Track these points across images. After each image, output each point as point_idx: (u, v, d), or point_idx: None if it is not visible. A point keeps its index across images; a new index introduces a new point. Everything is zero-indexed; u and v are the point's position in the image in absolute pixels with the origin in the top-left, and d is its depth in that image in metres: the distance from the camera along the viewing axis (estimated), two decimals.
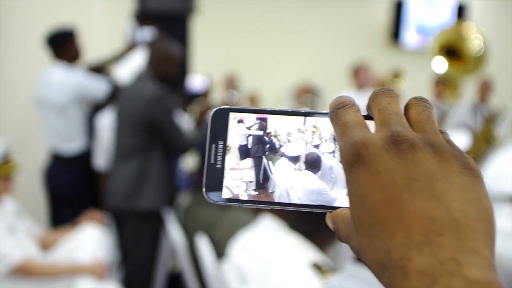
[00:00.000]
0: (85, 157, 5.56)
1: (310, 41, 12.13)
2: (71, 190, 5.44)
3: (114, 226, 4.88)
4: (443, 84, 8.96)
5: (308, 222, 2.84)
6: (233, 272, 3.33)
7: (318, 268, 2.66)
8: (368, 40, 12.38)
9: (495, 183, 4.29)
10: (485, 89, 8.50)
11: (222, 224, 4.13)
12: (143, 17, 6.47)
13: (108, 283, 4.24)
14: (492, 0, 12.93)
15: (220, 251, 3.94)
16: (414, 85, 9.94)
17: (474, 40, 9.08)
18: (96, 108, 5.78)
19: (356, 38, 12.31)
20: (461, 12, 12.36)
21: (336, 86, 9.72)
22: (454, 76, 9.01)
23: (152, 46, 4.89)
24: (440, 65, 9.03)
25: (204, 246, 3.96)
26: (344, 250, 3.41)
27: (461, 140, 5.18)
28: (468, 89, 9.24)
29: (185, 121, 5.50)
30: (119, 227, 4.83)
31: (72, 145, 5.46)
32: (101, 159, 5.43)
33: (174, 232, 4.49)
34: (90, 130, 5.63)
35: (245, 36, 11.88)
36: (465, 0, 12.48)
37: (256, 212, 3.56)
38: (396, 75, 6.71)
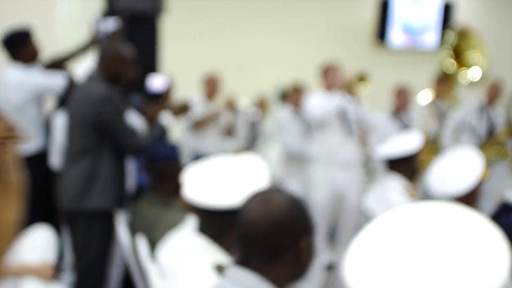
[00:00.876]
0: (42, 156, 5.57)
1: (293, 41, 12.13)
2: (28, 189, 5.43)
3: (67, 227, 4.90)
4: (446, 83, 8.93)
5: (215, 225, 2.86)
6: (158, 274, 3.35)
7: (221, 270, 2.68)
8: (354, 39, 12.37)
9: (439, 185, 4.32)
10: (494, 93, 8.45)
11: (163, 224, 4.14)
12: (111, 16, 6.47)
13: (55, 285, 4.24)
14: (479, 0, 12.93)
15: None
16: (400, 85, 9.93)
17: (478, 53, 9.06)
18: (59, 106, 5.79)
19: (341, 38, 12.30)
20: (447, 11, 12.34)
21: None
22: (455, 77, 9.00)
23: (103, 46, 4.89)
24: (447, 63, 9.01)
25: (142, 247, 3.98)
26: None
27: (411, 141, 5.18)
28: (478, 91, 9.22)
29: (140, 122, 5.50)
30: (70, 228, 4.84)
31: (31, 144, 5.47)
32: (56, 158, 5.45)
33: (121, 232, 4.50)
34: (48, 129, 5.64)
35: (222, 36, 11.85)
36: (451, 0, 12.46)
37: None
38: (362, 78, 6.69)
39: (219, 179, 2.93)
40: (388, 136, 6.84)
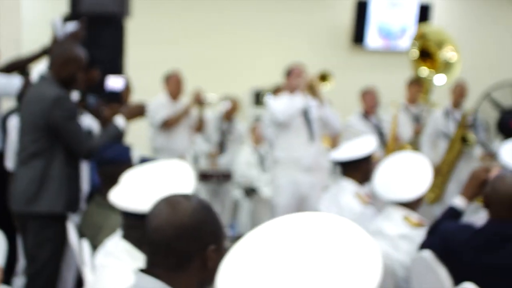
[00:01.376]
0: None
1: (269, 43, 12.10)
2: None
3: (19, 229, 4.88)
4: (418, 86, 8.96)
5: (138, 230, 2.84)
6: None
7: None
8: (331, 42, 12.35)
9: (384, 189, 4.34)
10: (458, 94, 8.49)
11: (110, 227, 4.12)
12: (75, 18, 6.44)
13: None
14: (455, 1, 12.93)
15: None
16: (378, 87, 9.94)
17: (449, 48, 9.08)
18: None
19: (318, 40, 12.28)
20: (424, 13, 12.34)
21: None
22: (427, 79, 9.03)
23: (55, 48, 4.87)
24: (416, 66, 9.03)
25: (85, 250, 3.96)
26: None
27: (363, 146, 5.20)
28: (442, 95, 9.24)
29: (95, 124, 5.48)
30: (22, 231, 4.82)
31: None
32: (11, 160, 5.42)
33: (72, 236, 4.49)
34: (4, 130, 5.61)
35: (192, 38, 11.79)
36: (428, 2, 12.46)
37: None
38: (324, 78, 6.69)
39: (147, 184, 2.93)
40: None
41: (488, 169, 3.92)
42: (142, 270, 2.20)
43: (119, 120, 4.97)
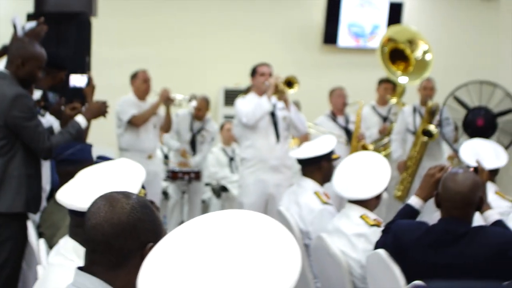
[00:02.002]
0: None
1: (240, 43, 12.10)
2: None
3: None
4: (387, 87, 9.01)
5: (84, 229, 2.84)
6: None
7: None
8: (302, 41, 12.35)
9: (342, 187, 4.37)
10: (426, 92, 8.53)
11: (64, 227, 4.11)
12: (39, 17, 6.41)
13: None
14: (426, 1, 12.99)
15: None
16: (349, 87, 9.97)
17: (420, 46, 9.16)
18: None
19: (289, 39, 12.28)
20: (395, 12, 12.38)
21: None
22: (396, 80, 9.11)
23: (14, 47, 4.85)
24: (387, 68, 9.11)
25: (42, 250, 3.95)
26: None
27: (322, 146, 5.23)
28: (410, 93, 9.29)
29: (55, 123, 5.45)
30: None
31: None
32: None
33: (31, 235, 4.47)
34: None
35: (162, 38, 11.76)
36: (399, 1, 12.51)
37: None
38: (290, 83, 6.70)
39: (95, 183, 2.92)
40: None
41: (443, 168, 3.94)
42: (81, 268, 2.20)
43: (80, 119, 4.95)
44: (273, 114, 6.72)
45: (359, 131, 8.13)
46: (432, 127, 8.18)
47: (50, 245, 3.99)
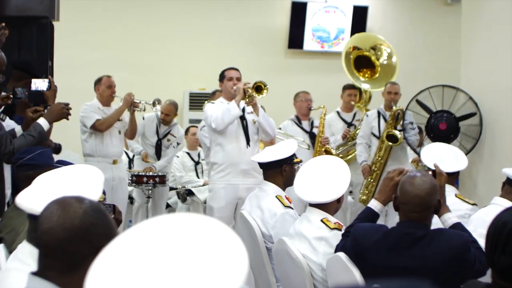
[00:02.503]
0: None
1: (205, 46, 12.10)
2: None
3: None
4: (351, 93, 9.05)
5: None
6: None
7: None
8: (267, 45, 12.38)
9: (303, 191, 4.38)
10: (389, 96, 8.57)
11: (24, 232, 4.08)
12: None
13: None
14: (389, 4, 13.07)
15: None
16: (314, 91, 10.00)
17: (384, 51, 9.23)
18: None
19: (255, 43, 12.30)
20: (359, 16, 12.46)
21: None
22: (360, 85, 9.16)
23: None
24: (352, 76, 9.16)
25: (1, 257, 3.91)
26: None
27: (282, 150, 5.26)
28: (377, 98, 9.35)
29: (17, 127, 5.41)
30: None
31: None
32: None
33: None
34: None
35: (124, 42, 11.74)
36: (363, 5, 12.58)
37: None
38: (259, 89, 6.69)
39: (53, 188, 2.91)
40: None
41: (402, 172, 3.97)
42: (35, 273, 2.18)
43: (42, 121, 4.93)
44: (243, 118, 6.72)
45: (322, 136, 8.16)
46: (396, 132, 8.23)
47: (10, 250, 3.95)
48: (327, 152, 7.86)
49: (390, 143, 8.24)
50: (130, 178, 8.50)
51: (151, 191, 8.67)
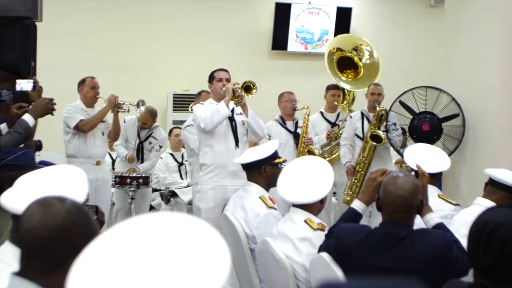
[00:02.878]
0: None
1: (188, 47, 12.09)
2: None
3: None
4: (334, 94, 9.07)
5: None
6: None
7: None
8: (251, 46, 12.40)
9: (286, 192, 4.39)
10: (373, 97, 8.60)
11: (7, 233, 4.07)
12: None
13: None
14: (373, 6, 13.11)
15: None
16: (299, 92, 10.01)
17: (364, 50, 9.25)
18: None
19: (239, 45, 12.32)
20: (343, 18, 12.49)
21: None
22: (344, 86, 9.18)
23: None
24: (333, 75, 9.18)
25: None
26: None
27: (262, 151, 5.28)
28: (361, 100, 9.39)
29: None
30: None
31: None
32: None
33: None
34: None
35: (109, 43, 11.73)
36: (346, 6, 12.61)
37: None
38: (247, 86, 6.69)
39: (37, 188, 2.90)
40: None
41: (384, 172, 3.98)
42: (17, 273, 2.18)
43: (27, 117, 4.92)
44: (232, 119, 6.71)
45: (306, 136, 8.16)
46: (380, 132, 8.26)
47: None
48: (310, 152, 7.86)
49: (374, 143, 8.27)
50: (113, 179, 8.48)
51: (134, 193, 8.65)
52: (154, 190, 9.67)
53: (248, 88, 6.67)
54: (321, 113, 9.20)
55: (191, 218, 1.60)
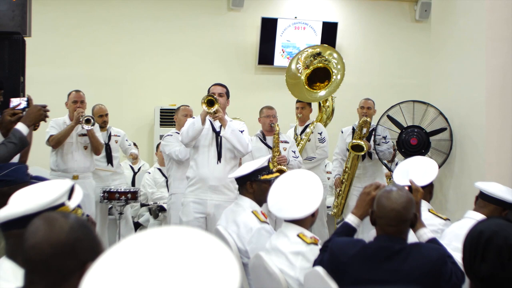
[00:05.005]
0: None
1: (175, 62, 12.12)
2: None
3: None
4: (298, 106, 9.07)
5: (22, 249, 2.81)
6: None
7: None
8: (238, 60, 12.46)
9: (277, 207, 4.39)
10: (362, 111, 8.66)
11: (1, 249, 4.05)
12: None
13: None
14: (359, 21, 13.19)
15: None
16: (285, 106, 10.05)
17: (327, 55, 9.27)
18: None
19: (225, 59, 12.37)
20: (329, 32, 12.55)
21: None
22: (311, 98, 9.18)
23: None
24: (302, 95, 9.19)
25: None
26: None
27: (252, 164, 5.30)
28: (350, 113, 9.43)
29: None
30: None
31: None
32: None
33: None
34: None
35: (96, 58, 11.74)
36: (332, 21, 12.68)
37: None
38: (209, 100, 6.67)
39: (32, 201, 2.89)
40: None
41: (378, 186, 3.99)
42: None
43: (20, 126, 4.92)
44: (218, 135, 6.73)
45: (277, 155, 8.10)
46: (360, 142, 8.36)
47: None
48: (281, 172, 7.55)
49: (356, 153, 8.35)
50: (101, 194, 8.46)
51: (123, 208, 8.63)
52: (142, 205, 9.64)
53: (210, 102, 6.64)
54: (295, 127, 9.23)
55: (199, 232, 1.60)
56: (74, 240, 2.16)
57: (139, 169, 10.58)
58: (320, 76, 9.24)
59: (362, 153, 8.42)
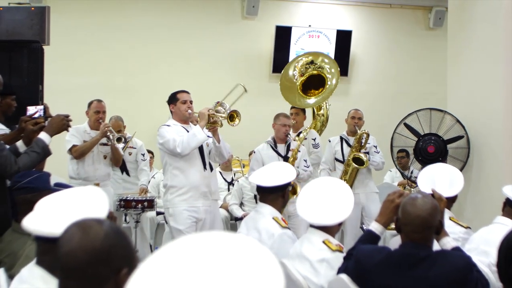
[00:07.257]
0: None
1: (190, 70, 12.14)
2: None
3: None
4: (292, 112, 9.06)
5: (51, 255, 2.81)
6: None
7: None
8: (252, 69, 12.46)
9: (307, 213, 4.38)
10: (353, 121, 8.64)
11: (24, 255, 4.07)
12: None
13: None
14: (373, 29, 13.19)
15: None
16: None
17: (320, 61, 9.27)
18: None
19: (239, 67, 12.37)
20: (343, 40, 12.56)
21: None
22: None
23: None
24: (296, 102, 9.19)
25: (1, 280, 3.88)
26: None
27: (283, 174, 5.28)
28: (339, 123, 9.42)
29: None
30: None
31: None
32: None
33: None
34: None
35: (112, 67, 11.78)
36: (346, 29, 12.68)
37: None
38: (231, 115, 6.67)
39: (60, 209, 2.90)
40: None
41: (402, 194, 3.98)
42: None
43: (43, 136, 4.93)
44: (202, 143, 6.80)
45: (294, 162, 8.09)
46: (361, 155, 8.33)
47: (9, 274, 3.93)
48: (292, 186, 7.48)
49: (356, 166, 8.33)
50: (118, 203, 8.47)
51: (139, 216, 8.64)
52: (158, 213, 9.64)
53: (232, 117, 6.67)
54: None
55: (242, 237, 1.59)
56: (109, 247, 2.16)
57: (153, 177, 10.58)
58: (315, 83, 9.25)
59: (364, 167, 8.39)
